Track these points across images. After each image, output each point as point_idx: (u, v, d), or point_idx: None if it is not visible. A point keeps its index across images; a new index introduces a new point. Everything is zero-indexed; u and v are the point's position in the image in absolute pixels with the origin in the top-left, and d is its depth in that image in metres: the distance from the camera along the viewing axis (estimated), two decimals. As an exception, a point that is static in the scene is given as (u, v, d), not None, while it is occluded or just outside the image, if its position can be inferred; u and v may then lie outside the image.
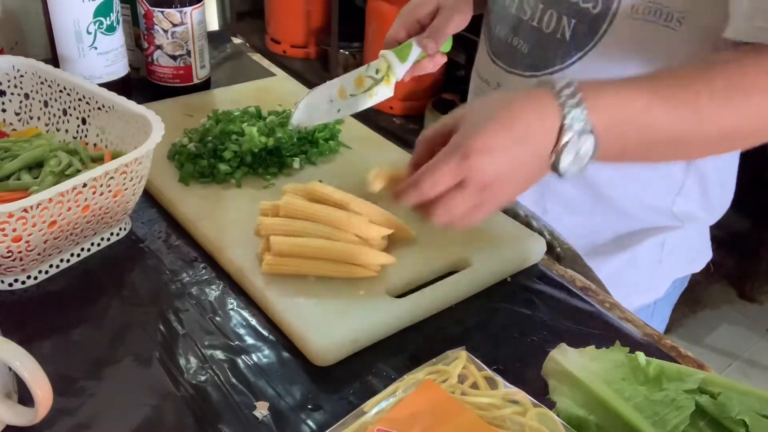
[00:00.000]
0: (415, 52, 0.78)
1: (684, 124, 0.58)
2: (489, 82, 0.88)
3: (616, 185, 0.82)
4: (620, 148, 0.58)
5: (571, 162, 0.56)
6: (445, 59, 0.83)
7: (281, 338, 0.62)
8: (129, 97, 0.75)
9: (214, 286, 0.68)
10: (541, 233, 0.75)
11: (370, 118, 1.29)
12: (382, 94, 0.78)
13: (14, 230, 0.59)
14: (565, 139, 0.54)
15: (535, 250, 0.73)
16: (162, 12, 0.94)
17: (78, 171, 0.70)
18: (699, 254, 0.93)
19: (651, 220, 0.85)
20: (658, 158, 0.70)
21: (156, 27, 0.96)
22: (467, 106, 0.61)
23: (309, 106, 0.74)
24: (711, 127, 0.59)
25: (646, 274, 0.89)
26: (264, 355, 0.60)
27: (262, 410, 0.55)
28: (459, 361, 0.53)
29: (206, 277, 0.69)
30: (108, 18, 0.92)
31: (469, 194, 0.55)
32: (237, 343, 0.61)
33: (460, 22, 0.81)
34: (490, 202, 0.57)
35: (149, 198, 0.79)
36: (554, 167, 0.56)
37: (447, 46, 0.83)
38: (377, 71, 0.77)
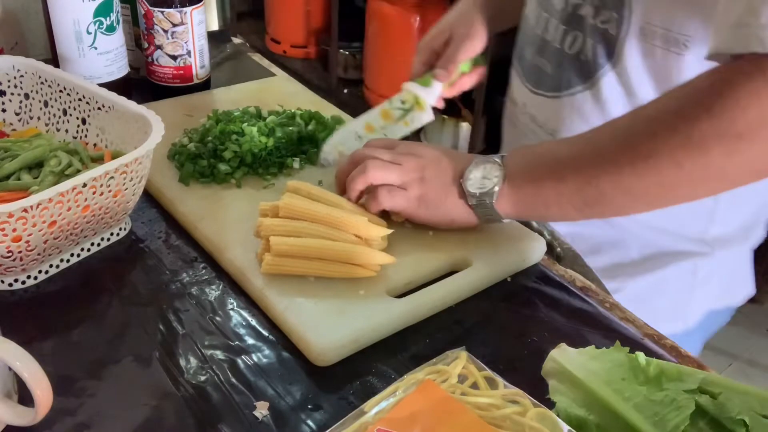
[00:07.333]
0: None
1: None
2: (517, 102, 0.92)
3: (637, 219, 0.79)
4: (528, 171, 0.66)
5: (479, 179, 0.67)
6: (483, 71, 0.91)
7: (281, 338, 0.62)
8: (129, 97, 0.75)
9: (214, 286, 0.68)
10: (541, 233, 0.75)
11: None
12: (419, 120, 0.83)
13: (14, 230, 0.59)
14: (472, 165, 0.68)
15: (535, 250, 0.72)
16: (162, 12, 0.94)
17: (78, 171, 0.70)
18: (737, 284, 0.90)
19: (680, 245, 0.83)
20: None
21: (156, 27, 0.96)
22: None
23: (335, 144, 0.82)
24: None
25: (674, 300, 0.87)
26: (264, 355, 0.60)
27: (262, 410, 0.55)
28: (459, 361, 0.52)
29: (206, 277, 0.69)
30: (108, 18, 0.92)
31: (414, 189, 0.69)
32: (237, 343, 0.61)
33: (472, 48, 0.87)
34: (426, 195, 0.69)
35: (149, 198, 0.79)
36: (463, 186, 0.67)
37: (479, 60, 0.90)
38: (403, 102, 0.83)
